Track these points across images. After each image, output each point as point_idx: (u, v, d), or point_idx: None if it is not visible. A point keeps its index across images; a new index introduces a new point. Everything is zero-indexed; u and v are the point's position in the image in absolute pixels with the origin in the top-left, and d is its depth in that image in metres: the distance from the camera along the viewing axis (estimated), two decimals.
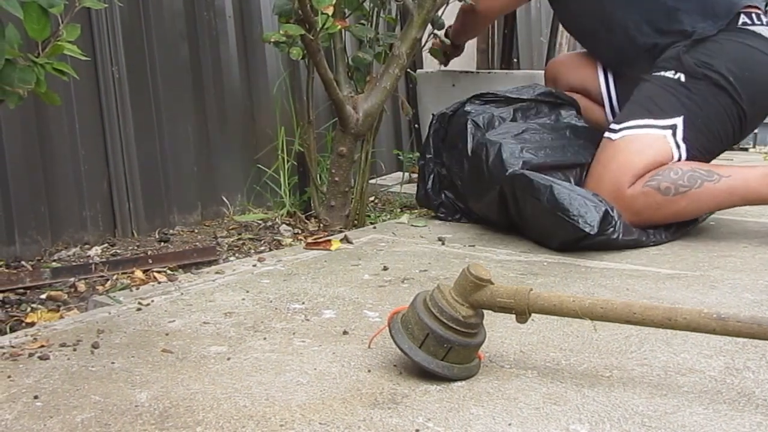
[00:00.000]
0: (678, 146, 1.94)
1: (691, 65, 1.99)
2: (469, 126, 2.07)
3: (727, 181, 1.85)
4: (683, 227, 1.95)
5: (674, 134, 1.94)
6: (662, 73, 2.03)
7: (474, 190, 2.06)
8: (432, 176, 2.20)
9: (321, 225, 2.19)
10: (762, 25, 2.05)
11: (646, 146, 1.94)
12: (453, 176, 2.16)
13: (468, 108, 2.13)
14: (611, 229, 1.79)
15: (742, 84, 1.97)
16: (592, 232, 1.73)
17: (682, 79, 1.99)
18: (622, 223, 1.82)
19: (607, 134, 2.01)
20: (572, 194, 1.78)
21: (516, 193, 1.87)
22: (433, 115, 2.22)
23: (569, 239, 1.77)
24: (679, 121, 1.95)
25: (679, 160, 1.93)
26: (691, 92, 1.97)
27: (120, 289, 1.58)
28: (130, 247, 2.03)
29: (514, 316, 1.05)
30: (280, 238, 2.10)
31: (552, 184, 1.80)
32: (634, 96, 2.05)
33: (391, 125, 3.12)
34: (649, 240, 1.87)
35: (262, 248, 2.00)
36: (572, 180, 2.00)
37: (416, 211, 2.42)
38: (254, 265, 1.70)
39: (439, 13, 2.27)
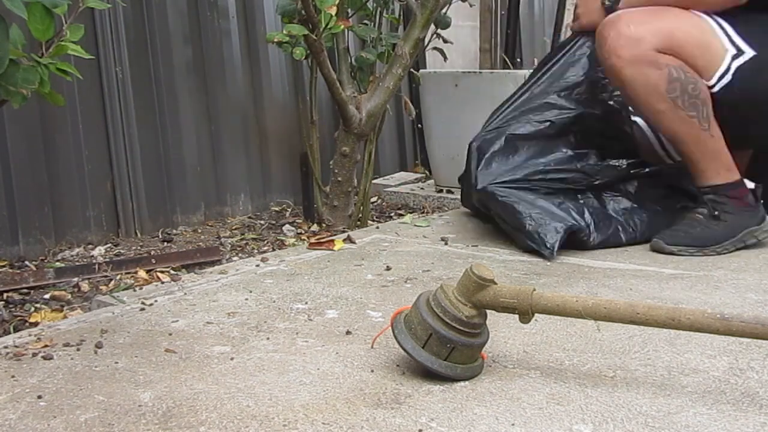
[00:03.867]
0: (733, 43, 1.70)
1: None
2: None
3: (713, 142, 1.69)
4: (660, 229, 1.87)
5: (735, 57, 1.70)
6: None
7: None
8: None
9: (324, 225, 2.19)
10: None
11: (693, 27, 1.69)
12: None
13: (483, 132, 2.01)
14: (584, 237, 1.77)
15: None
16: (550, 256, 1.69)
17: None
18: (597, 227, 1.78)
19: None
20: (537, 214, 1.74)
21: (488, 205, 1.87)
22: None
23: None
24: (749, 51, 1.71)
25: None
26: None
27: (123, 289, 1.59)
28: (134, 247, 2.04)
29: (517, 316, 1.05)
30: (283, 238, 2.11)
31: (515, 202, 1.77)
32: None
33: (394, 125, 3.11)
34: (628, 235, 1.82)
35: (266, 248, 2.01)
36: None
37: (419, 211, 2.42)
38: (257, 265, 1.70)
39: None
